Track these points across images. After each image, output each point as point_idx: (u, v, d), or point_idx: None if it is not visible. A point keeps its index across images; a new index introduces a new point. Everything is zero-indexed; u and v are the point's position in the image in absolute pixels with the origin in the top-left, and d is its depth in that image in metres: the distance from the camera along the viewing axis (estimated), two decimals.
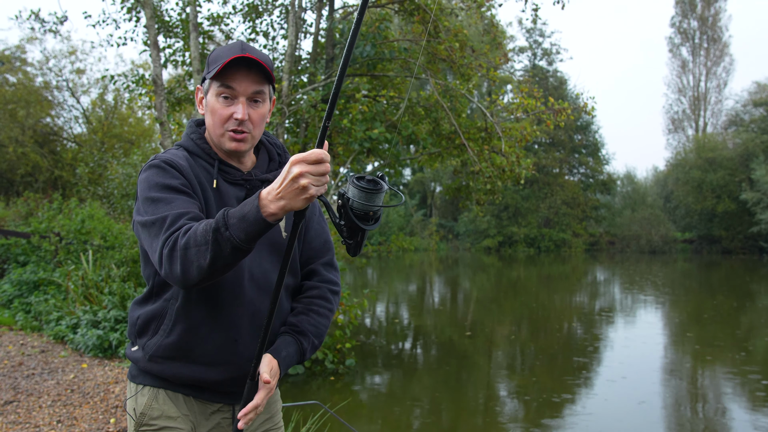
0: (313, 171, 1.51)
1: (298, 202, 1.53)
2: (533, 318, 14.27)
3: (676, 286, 22.42)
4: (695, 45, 53.15)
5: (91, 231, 11.42)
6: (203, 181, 1.87)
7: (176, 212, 1.68)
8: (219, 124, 1.87)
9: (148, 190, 1.76)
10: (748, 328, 12.81)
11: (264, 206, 1.55)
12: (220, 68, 1.80)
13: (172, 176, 1.78)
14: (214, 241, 1.56)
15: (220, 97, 1.85)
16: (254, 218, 1.54)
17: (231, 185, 1.92)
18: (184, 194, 1.76)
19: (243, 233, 1.55)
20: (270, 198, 1.54)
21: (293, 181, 1.51)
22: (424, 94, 10.95)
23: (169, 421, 1.90)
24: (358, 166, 12.60)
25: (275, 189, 1.54)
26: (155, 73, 8.99)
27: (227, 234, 1.55)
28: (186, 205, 1.73)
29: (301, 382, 8.00)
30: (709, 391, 8.33)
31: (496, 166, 9.91)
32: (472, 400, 7.81)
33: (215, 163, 1.91)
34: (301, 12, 10.65)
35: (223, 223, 1.56)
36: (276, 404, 2.15)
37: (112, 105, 27.59)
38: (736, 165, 42.87)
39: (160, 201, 1.72)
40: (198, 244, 1.58)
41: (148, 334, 1.92)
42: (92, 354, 7.59)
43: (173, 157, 1.84)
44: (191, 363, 1.89)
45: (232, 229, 1.55)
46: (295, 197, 1.53)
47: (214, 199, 1.87)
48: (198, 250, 1.58)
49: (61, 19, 11.35)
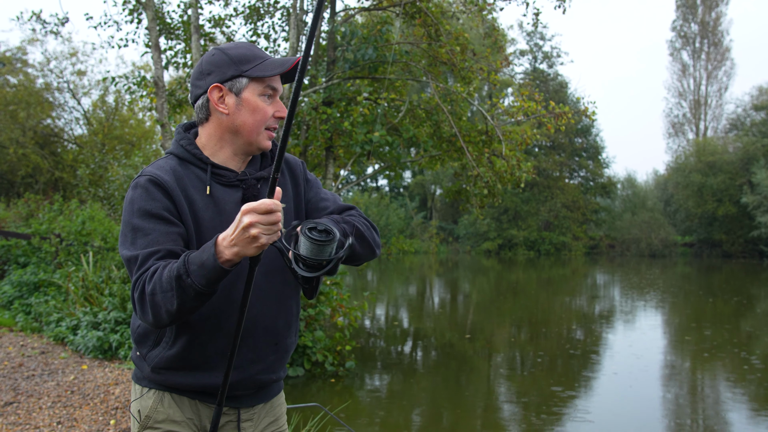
0: (263, 221, 1.57)
1: (250, 249, 1.60)
2: (533, 321, 14.27)
3: (676, 289, 22.41)
4: (696, 49, 53.20)
5: (92, 232, 11.44)
6: (191, 193, 1.86)
7: (147, 251, 1.73)
8: (262, 123, 1.90)
9: (131, 214, 1.80)
10: (747, 332, 12.81)
11: (219, 252, 1.62)
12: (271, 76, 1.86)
13: (154, 199, 1.80)
14: (179, 287, 1.62)
15: (263, 96, 1.89)
16: (212, 266, 1.61)
17: (226, 188, 1.91)
18: (163, 222, 1.79)
19: (204, 279, 1.62)
20: (224, 245, 1.61)
21: (244, 230, 1.58)
22: (425, 97, 10.97)
23: (173, 426, 1.90)
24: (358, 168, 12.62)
25: (229, 236, 1.61)
26: (156, 75, 9.01)
27: (189, 281, 1.62)
28: (161, 238, 1.76)
29: (301, 385, 8.00)
30: (708, 393, 8.33)
31: (495, 170, 9.92)
32: (471, 403, 7.81)
33: (208, 168, 1.90)
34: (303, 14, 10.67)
35: (185, 270, 1.62)
36: (281, 407, 2.15)
37: (113, 107, 27.62)
38: (736, 169, 42.86)
39: (138, 231, 1.77)
40: (164, 290, 1.64)
41: (148, 345, 1.93)
42: (92, 355, 7.60)
43: (158, 173, 1.84)
44: (194, 371, 1.89)
45: (193, 276, 1.62)
46: (247, 245, 1.60)
47: (208, 206, 1.87)
48: (164, 296, 1.64)
49: (62, 21, 11.35)
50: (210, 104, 1.91)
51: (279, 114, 1.92)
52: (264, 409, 2.05)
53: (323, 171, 10.36)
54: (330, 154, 10.16)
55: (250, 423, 2.01)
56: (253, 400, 2.01)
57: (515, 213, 45.30)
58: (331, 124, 9.15)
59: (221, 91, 1.89)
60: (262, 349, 1.94)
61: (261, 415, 2.04)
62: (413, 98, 11.11)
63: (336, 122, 9.11)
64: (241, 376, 1.91)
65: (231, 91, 1.88)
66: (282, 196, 2.00)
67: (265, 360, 1.96)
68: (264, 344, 1.94)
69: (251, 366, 1.91)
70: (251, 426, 2.01)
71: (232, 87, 1.88)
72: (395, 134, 10.14)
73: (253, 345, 1.92)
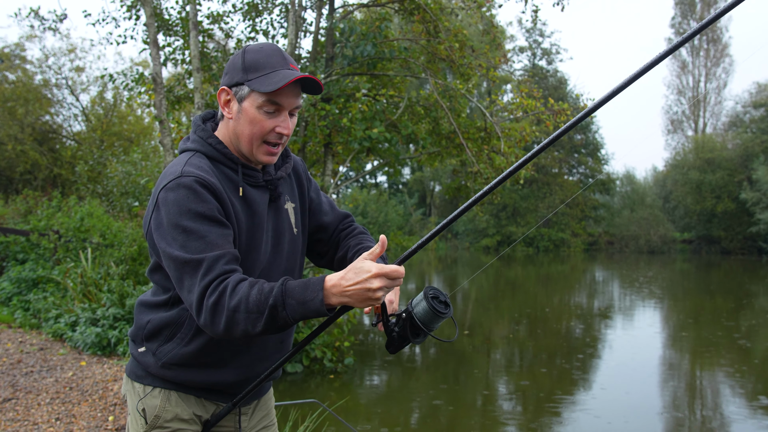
0: (389, 285, 1.60)
1: (362, 304, 1.60)
2: (531, 317, 14.28)
3: (675, 286, 22.44)
4: (695, 46, 53.16)
5: (90, 229, 11.43)
6: (228, 192, 1.81)
7: (213, 255, 1.65)
8: (258, 137, 1.82)
9: (179, 216, 1.69)
10: (746, 329, 12.82)
11: (327, 297, 1.60)
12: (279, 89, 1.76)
13: (205, 201, 1.71)
14: (270, 315, 1.59)
15: (263, 110, 1.80)
16: (315, 308, 1.60)
17: (255, 189, 1.88)
18: (217, 224, 1.71)
19: (299, 315, 1.60)
20: (335, 292, 1.59)
21: (369, 291, 1.58)
22: (423, 93, 10.95)
23: (181, 424, 1.90)
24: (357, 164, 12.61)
25: (344, 285, 1.58)
26: (155, 71, 8.99)
27: (284, 314, 1.59)
28: (221, 241, 1.69)
29: (300, 381, 8.01)
30: (707, 390, 8.35)
31: (495, 167, 9.92)
32: (470, 399, 7.82)
33: (239, 169, 1.85)
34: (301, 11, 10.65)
35: (281, 302, 1.59)
36: (271, 400, 2.19)
37: (112, 103, 27.56)
38: (735, 165, 42.88)
39: (192, 233, 1.67)
40: (249, 311, 1.59)
41: (159, 340, 1.89)
42: (91, 352, 7.60)
43: (203, 174, 1.74)
44: (206, 368, 1.89)
45: (288, 310, 1.59)
46: (362, 302, 1.59)
47: (240, 207, 1.83)
48: (248, 317, 1.60)
49: (60, 17, 11.33)
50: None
51: (280, 130, 1.82)
52: (259, 404, 2.10)
53: (322, 167, 10.36)
54: (329, 150, 10.15)
55: (245, 417, 2.04)
56: (253, 396, 2.05)
57: (514, 209, 45.31)
58: (330, 120, 9.14)
59: (228, 95, 1.85)
60: (270, 347, 1.96)
61: (256, 409, 2.08)
62: (412, 95, 11.10)
63: (335, 119, 9.10)
64: (249, 374, 1.93)
65: (236, 96, 1.83)
66: (291, 195, 2.02)
67: (271, 358, 1.98)
68: (272, 343, 1.96)
69: (259, 364, 1.93)
70: (246, 420, 2.04)
71: (237, 93, 1.82)
72: (394, 131, 10.13)
73: (263, 344, 1.93)
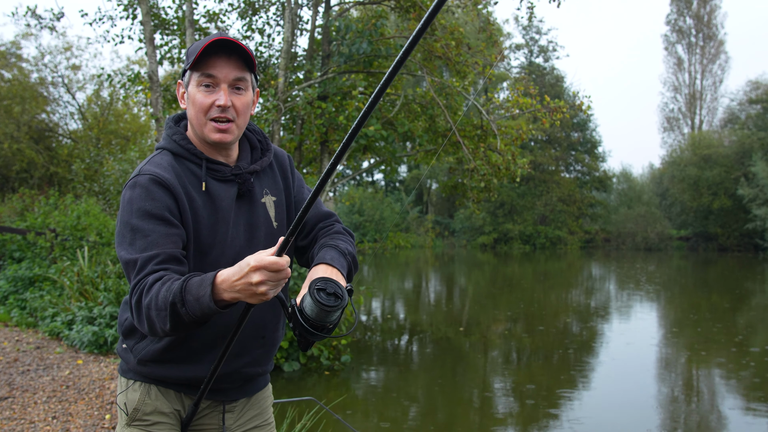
0: (273, 278, 1.53)
1: (252, 300, 1.56)
2: (528, 314, 14.30)
3: (672, 283, 22.48)
4: (691, 43, 53.21)
5: (87, 227, 11.42)
6: (189, 189, 1.81)
7: (146, 255, 1.68)
8: (201, 114, 1.81)
9: (129, 214, 1.74)
10: (742, 326, 12.86)
11: (217, 293, 1.58)
12: (198, 54, 1.76)
13: (155, 199, 1.74)
14: (173, 312, 1.60)
15: (201, 87, 1.80)
16: (206, 304, 1.57)
17: (221, 183, 1.87)
18: (164, 223, 1.74)
19: (198, 312, 1.59)
20: (224, 287, 1.57)
21: (251, 285, 1.53)
22: (420, 91, 10.96)
23: (161, 417, 1.91)
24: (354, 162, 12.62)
25: (231, 281, 1.55)
26: (151, 70, 8.99)
27: (183, 310, 1.59)
28: (160, 240, 1.71)
29: (297, 378, 8.02)
30: (703, 386, 8.37)
31: (491, 164, 9.93)
32: (467, 396, 7.84)
33: (203, 164, 1.85)
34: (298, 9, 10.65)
35: (180, 299, 1.59)
36: (267, 400, 2.15)
37: (108, 101, 27.52)
38: (731, 162, 42.95)
39: (137, 231, 1.72)
40: (158, 308, 1.62)
41: (135, 337, 1.93)
42: (87, 350, 7.59)
43: (159, 172, 1.78)
44: (180, 363, 1.89)
45: (188, 306, 1.59)
46: (250, 297, 1.56)
47: (203, 202, 1.83)
48: (158, 314, 1.62)
49: (57, 16, 11.32)
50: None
51: (219, 103, 1.79)
52: (249, 403, 2.07)
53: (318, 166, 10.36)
54: (325, 148, 10.15)
55: (231, 415, 2.01)
56: (238, 393, 2.01)
57: (511, 207, 45.33)
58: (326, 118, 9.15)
59: (181, 88, 1.89)
60: (249, 343, 1.94)
61: (245, 407, 2.05)
62: (408, 92, 11.11)
63: (331, 116, 9.11)
64: (227, 369, 1.91)
65: (185, 84, 1.87)
66: (272, 188, 1.99)
67: (251, 354, 1.96)
68: (251, 338, 1.94)
69: (236, 360, 1.91)
70: (232, 417, 2.02)
71: (185, 81, 1.87)
72: (390, 128, 10.14)
73: (240, 339, 1.89)
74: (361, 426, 6.47)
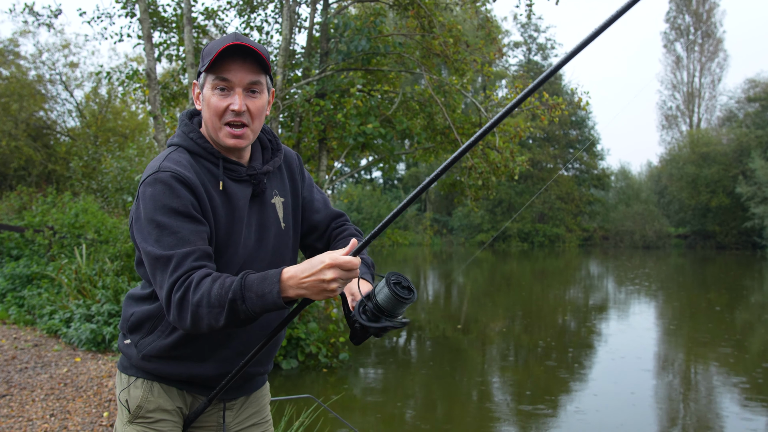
0: (344, 276, 1.58)
1: (318, 296, 1.60)
2: (527, 312, 14.31)
3: (670, 281, 22.51)
4: (689, 41, 53.22)
5: (85, 225, 11.41)
6: (208, 186, 1.81)
7: (182, 251, 1.67)
8: (216, 118, 1.81)
9: (153, 211, 1.71)
10: (740, 324, 12.88)
11: (284, 290, 1.60)
12: (213, 58, 1.75)
13: (180, 196, 1.72)
14: (230, 309, 1.60)
15: (216, 90, 1.79)
16: (273, 300, 1.59)
17: (237, 183, 1.87)
18: (191, 220, 1.72)
19: (259, 308, 1.60)
20: (291, 284, 1.59)
21: (323, 282, 1.57)
22: (418, 89, 10.95)
23: (164, 414, 1.91)
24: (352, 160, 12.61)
25: (300, 278, 1.58)
26: (149, 67, 8.97)
27: (243, 307, 1.59)
28: (192, 237, 1.70)
29: (295, 376, 8.02)
30: (700, 385, 8.39)
31: (489, 162, 9.92)
32: (465, 394, 7.84)
33: (220, 163, 1.85)
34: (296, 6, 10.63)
35: (240, 296, 1.59)
36: (264, 398, 2.16)
37: (106, 99, 27.48)
38: (730, 160, 42.98)
39: (165, 228, 1.69)
40: (211, 305, 1.60)
41: (141, 333, 1.91)
42: (85, 348, 7.59)
43: (180, 169, 1.76)
44: (185, 361, 1.89)
45: (248, 303, 1.59)
46: (318, 294, 1.59)
47: (221, 201, 1.82)
48: (211, 311, 1.61)
49: (55, 13, 11.30)
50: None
51: (233, 107, 1.79)
52: (247, 401, 2.08)
53: (317, 163, 10.35)
54: (323, 146, 10.14)
55: (230, 413, 2.03)
56: (238, 391, 2.02)
57: (509, 205, 45.34)
58: (325, 116, 9.13)
59: (197, 88, 1.89)
60: (255, 343, 1.94)
61: (243, 405, 2.07)
62: (407, 90, 11.10)
63: (329, 114, 9.09)
64: (230, 368, 1.91)
65: (200, 86, 1.86)
66: (281, 189, 2.00)
67: None
68: (256, 338, 1.94)
69: (241, 359, 1.91)
70: (231, 415, 2.03)
71: (201, 83, 1.86)
72: (389, 126, 10.13)
73: (246, 339, 1.92)
74: (359, 423, 6.47)
